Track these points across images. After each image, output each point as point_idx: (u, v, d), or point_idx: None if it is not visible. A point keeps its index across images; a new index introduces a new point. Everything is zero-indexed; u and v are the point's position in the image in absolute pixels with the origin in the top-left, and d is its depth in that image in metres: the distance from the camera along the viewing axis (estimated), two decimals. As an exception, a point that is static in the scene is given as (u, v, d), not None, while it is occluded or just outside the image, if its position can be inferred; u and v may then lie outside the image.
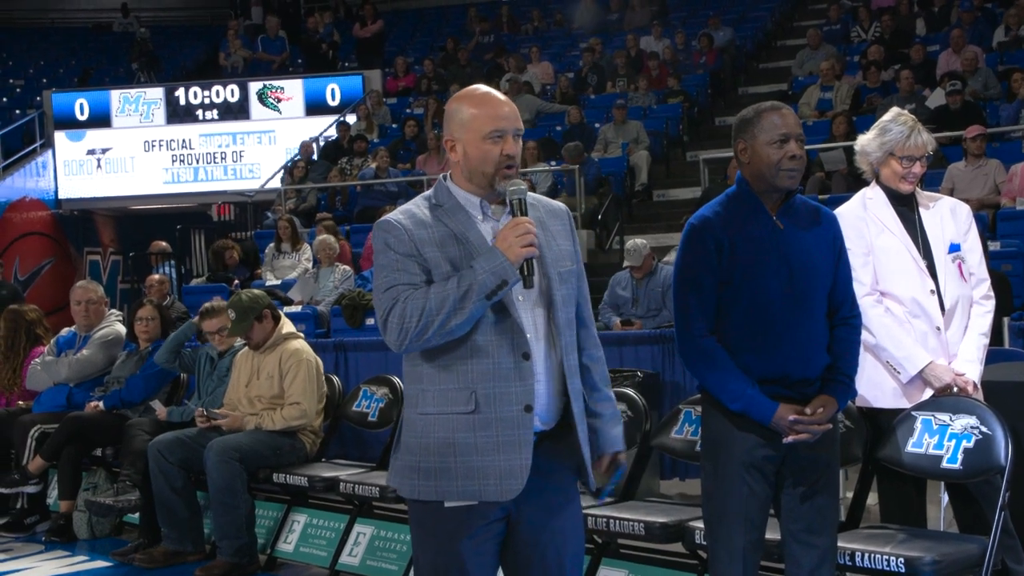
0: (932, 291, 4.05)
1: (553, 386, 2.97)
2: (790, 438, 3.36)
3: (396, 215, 3.00)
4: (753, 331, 3.41)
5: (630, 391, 5.10)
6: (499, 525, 2.97)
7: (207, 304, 6.85)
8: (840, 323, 3.51)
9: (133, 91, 18.49)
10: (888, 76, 13.04)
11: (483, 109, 2.97)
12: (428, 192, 3.07)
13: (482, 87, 3.08)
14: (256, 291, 6.81)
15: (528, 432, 2.89)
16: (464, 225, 2.96)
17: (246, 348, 6.43)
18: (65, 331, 7.77)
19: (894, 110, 4.30)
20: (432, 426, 2.92)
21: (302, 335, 6.63)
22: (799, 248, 3.43)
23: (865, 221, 4.13)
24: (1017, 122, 10.93)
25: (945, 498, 5.09)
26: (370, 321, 9.74)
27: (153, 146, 18.17)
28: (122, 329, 7.56)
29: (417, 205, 3.03)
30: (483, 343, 2.89)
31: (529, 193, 3.08)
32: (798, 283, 3.41)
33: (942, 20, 14.78)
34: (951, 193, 8.90)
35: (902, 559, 3.62)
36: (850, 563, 3.74)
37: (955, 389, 4.01)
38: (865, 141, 4.24)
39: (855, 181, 10.90)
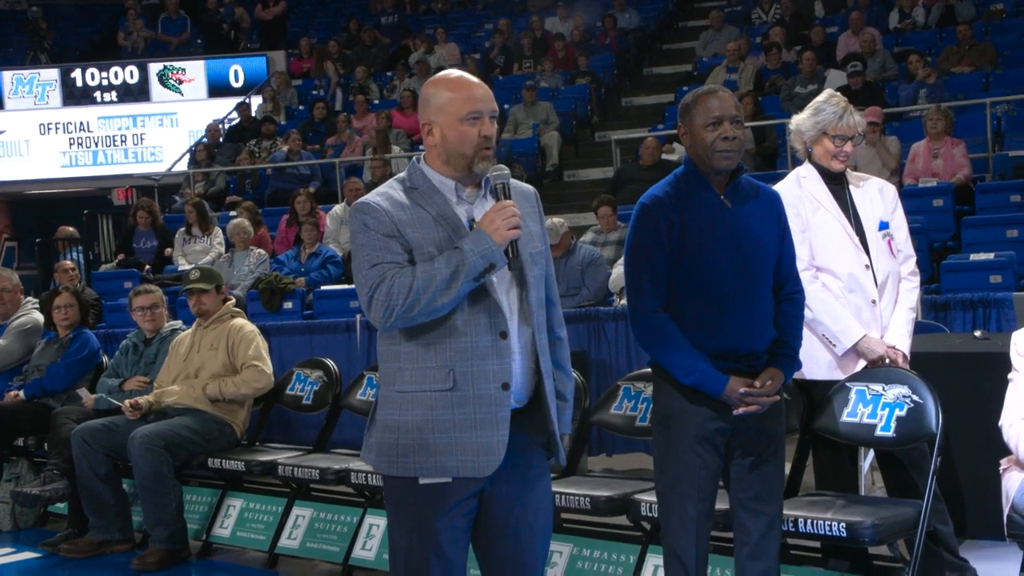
0: (867, 266, 4.22)
1: (527, 364, 3.05)
2: (740, 410, 3.48)
3: (373, 197, 3.04)
4: (703, 307, 3.51)
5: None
6: (472, 502, 3.04)
7: (139, 287, 6.86)
8: (785, 298, 3.63)
9: (27, 72, 17.99)
10: (790, 57, 13.34)
11: (459, 92, 3.02)
12: (402, 175, 3.12)
13: (456, 71, 3.12)
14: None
15: (505, 410, 2.96)
16: (441, 207, 3.01)
17: (185, 331, 6.40)
18: (-20, 320, 7.60)
19: (827, 91, 4.48)
20: (410, 404, 2.98)
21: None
22: (746, 226, 3.55)
23: (801, 199, 4.28)
24: (915, 102, 11.28)
25: (866, 465, 5.31)
26: (288, 305, 9.69)
27: (49, 129, 17.72)
28: (39, 317, 7.43)
29: (392, 187, 3.07)
30: (462, 322, 2.95)
31: None
32: (746, 260, 3.52)
33: (839, 2, 15.16)
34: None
35: (843, 524, 3.78)
36: (793, 529, 3.88)
37: (887, 361, 4.19)
38: (799, 120, 4.40)
39: (763, 160, 11.20)
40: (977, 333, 5.66)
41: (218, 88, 17.43)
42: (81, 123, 17.64)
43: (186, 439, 5.98)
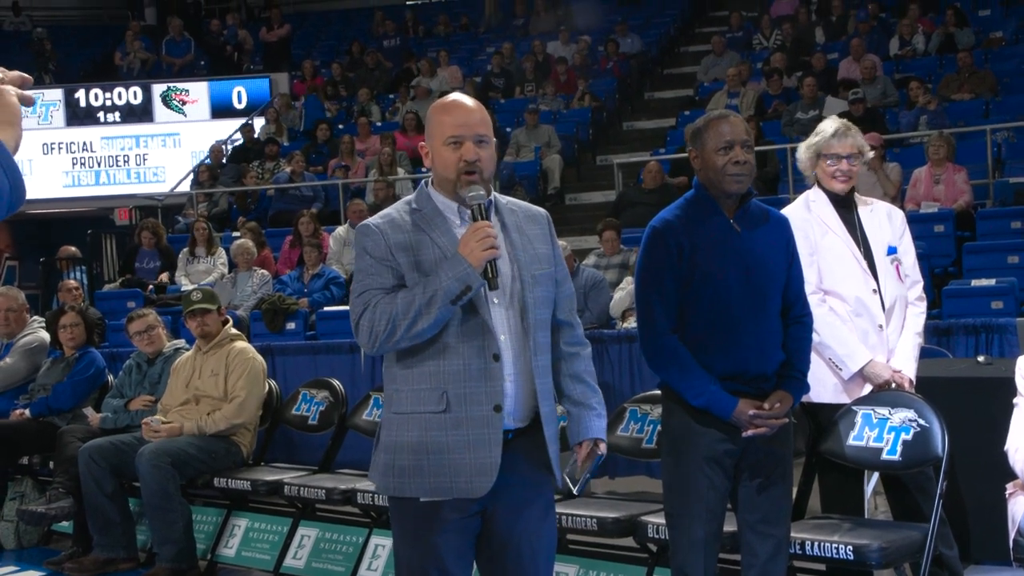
0: (874, 290, 4.26)
1: (525, 385, 3.05)
2: (749, 432, 3.51)
3: (376, 219, 3.09)
4: (713, 330, 3.55)
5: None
6: (475, 520, 3.06)
7: (132, 312, 6.87)
8: (793, 321, 3.67)
9: (31, 92, 18.00)
10: (791, 83, 13.42)
11: (445, 116, 3.06)
12: (410, 196, 3.16)
13: (456, 95, 3.16)
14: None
15: (497, 432, 2.98)
16: (440, 230, 3.04)
17: (186, 353, 6.41)
18: (-14, 339, 7.62)
19: (832, 117, 4.54)
20: (406, 425, 3.02)
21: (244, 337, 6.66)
22: (755, 250, 3.59)
23: (809, 222, 4.31)
24: (916, 128, 11.35)
25: (869, 490, 5.33)
26: (291, 325, 9.72)
27: (52, 149, 17.76)
28: (46, 336, 7.44)
29: (398, 210, 3.11)
30: (454, 344, 2.98)
31: (509, 199, 3.19)
32: (755, 283, 3.56)
33: (840, 29, 15.26)
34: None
35: (850, 547, 3.80)
36: (800, 552, 3.90)
37: (893, 385, 4.22)
38: (802, 146, 4.47)
39: (764, 185, 11.25)
40: (980, 358, 5.70)
41: (221, 109, 17.49)
42: (84, 143, 17.67)
43: (193, 457, 5.99)
